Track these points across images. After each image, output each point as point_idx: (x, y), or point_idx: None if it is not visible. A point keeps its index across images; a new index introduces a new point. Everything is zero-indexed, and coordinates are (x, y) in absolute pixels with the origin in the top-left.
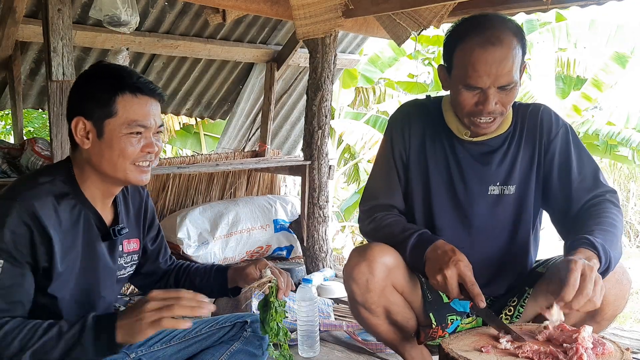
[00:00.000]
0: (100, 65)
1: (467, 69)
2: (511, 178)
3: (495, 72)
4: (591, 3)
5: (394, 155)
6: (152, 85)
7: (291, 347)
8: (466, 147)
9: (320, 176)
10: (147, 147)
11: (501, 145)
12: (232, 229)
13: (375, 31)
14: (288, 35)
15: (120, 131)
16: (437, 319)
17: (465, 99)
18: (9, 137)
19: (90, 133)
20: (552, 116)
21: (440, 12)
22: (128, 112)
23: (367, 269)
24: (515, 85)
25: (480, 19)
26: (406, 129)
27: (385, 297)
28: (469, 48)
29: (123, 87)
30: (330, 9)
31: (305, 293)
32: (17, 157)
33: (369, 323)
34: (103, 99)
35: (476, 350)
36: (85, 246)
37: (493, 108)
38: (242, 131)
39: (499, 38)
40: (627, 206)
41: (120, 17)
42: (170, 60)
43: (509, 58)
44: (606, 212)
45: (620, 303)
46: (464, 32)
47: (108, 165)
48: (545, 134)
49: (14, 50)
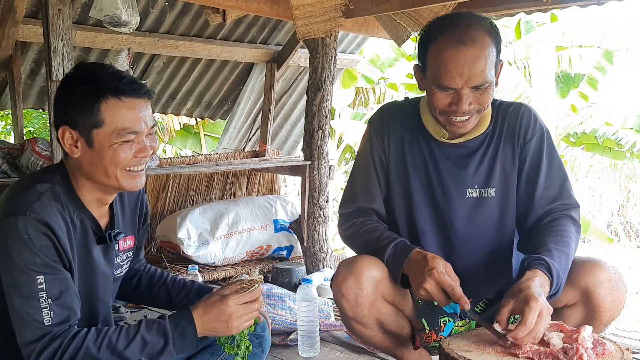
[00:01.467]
0: (78, 68)
1: (439, 69)
2: (490, 181)
3: (467, 72)
4: (591, 3)
5: (374, 159)
6: (136, 84)
7: (291, 347)
8: (444, 149)
9: (320, 176)
10: (140, 152)
11: (479, 147)
12: (232, 229)
13: (375, 31)
14: (288, 35)
15: (111, 141)
16: (429, 324)
17: (438, 99)
18: (9, 137)
19: (79, 142)
20: (531, 117)
21: (441, 12)
22: (116, 119)
23: (355, 283)
24: (490, 85)
25: (453, 18)
26: (385, 132)
27: (376, 309)
28: (441, 48)
29: (104, 92)
30: (330, 9)
31: (306, 293)
32: (17, 157)
33: (363, 335)
34: (86, 107)
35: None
36: (83, 252)
37: (467, 108)
38: (242, 131)
39: (471, 37)
40: (627, 206)
41: (121, 17)
42: (171, 60)
43: (481, 57)
44: (565, 231)
45: (617, 308)
46: (437, 32)
47: (100, 173)
48: (522, 135)
49: (14, 50)
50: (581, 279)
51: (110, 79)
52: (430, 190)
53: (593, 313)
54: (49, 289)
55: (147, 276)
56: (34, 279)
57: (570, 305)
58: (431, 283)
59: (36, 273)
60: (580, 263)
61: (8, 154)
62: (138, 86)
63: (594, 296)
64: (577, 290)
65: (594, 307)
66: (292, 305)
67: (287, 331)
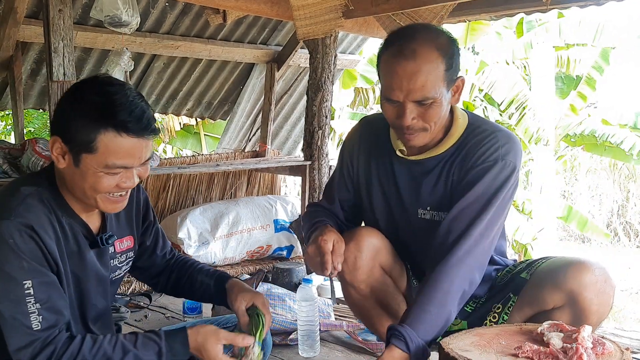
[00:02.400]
0: (93, 84)
1: (384, 81)
2: (442, 205)
3: (406, 85)
4: (591, 3)
5: (344, 173)
6: (146, 121)
7: (291, 347)
8: (403, 165)
9: (320, 176)
10: (125, 183)
11: (434, 167)
12: (232, 229)
13: (375, 32)
14: (288, 35)
15: (98, 168)
16: None
17: (386, 111)
18: (10, 137)
19: (66, 155)
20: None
21: (440, 12)
22: (108, 152)
23: (355, 247)
24: (434, 101)
25: (406, 30)
26: (355, 148)
27: (373, 277)
28: (386, 60)
29: (108, 124)
30: (330, 10)
31: (306, 293)
32: (18, 157)
33: (360, 305)
34: (84, 130)
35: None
36: (76, 256)
37: (410, 122)
38: (243, 131)
39: (413, 51)
40: (627, 206)
41: (121, 17)
42: (171, 60)
43: (421, 72)
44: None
45: (604, 310)
46: (387, 43)
47: (78, 191)
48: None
49: (15, 50)
50: (567, 281)
51: (120, 110)
52: (389, 206)
53: (580, 316)
54: (37, 293)
55: (177, 271)
56: (20, 283)
57: (558, 307)
58: (312, 248)
59: (23, 278)
60: (567, 264)
61: (9, 154)
62: (145, 125)
63: (580, 299)
64: (563, 293)
65: (581, 310)
66: (292, 305)
67: (287, 331)
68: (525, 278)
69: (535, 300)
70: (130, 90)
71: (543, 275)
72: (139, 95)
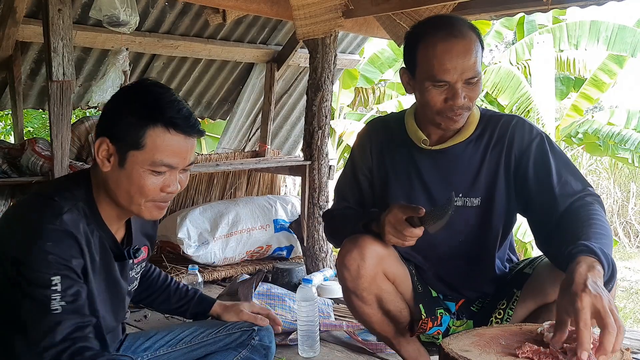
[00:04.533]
0: (141, 85)
1: (432, 64)
2: (475, 189)
3: (461, 64)
4: (591, 3)
5: (357, 173)
6: (194, 120)
7: (291, 347)
8: (426, 155)
9: (320, 176)
10: (168, 187)
11: (462, 153)
12: (232, 229)
13: (375, 31)
14: (288, 35)
15: (143, 166)
16: (426, 311)
17: (433, 96)
18: (9, 137)
19: (113, 157)
20: (525, 126)
21: (440, 12)
22: (156, 148)
23: (359, 255)
24: (480, 78)
25: (437, 19)
26: (367, 146)
27: (376, 285)
28: (433, 43)
29: (157, 119)
30: (330, 9)
31: (305, 293)
32: (17, 157)
33: (362, 312)
34: (133, 127)
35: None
36: (105, 271)
37: (462, 102)
38: (242, 131)
39: (460, 31)
40: (627, 206)
41: (119, 17)
42: (171, 60)
43: (472, 50)
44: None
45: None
46: (425, 31)
47: (123, 195)
48: (516, 145)
49: (15, 50)
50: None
51: (169, 107)
52: (410, 198)
53: None
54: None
55: (150, 279)
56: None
57: None
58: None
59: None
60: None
61: (8, 154)
62: (193, 123)
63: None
64: None
65: None
66: (292, 305)
67: (287, 331)
68: (528, 273)
69: (538, 293)
70: (176, 94)
71: (545, 268)
72: (183, 99)
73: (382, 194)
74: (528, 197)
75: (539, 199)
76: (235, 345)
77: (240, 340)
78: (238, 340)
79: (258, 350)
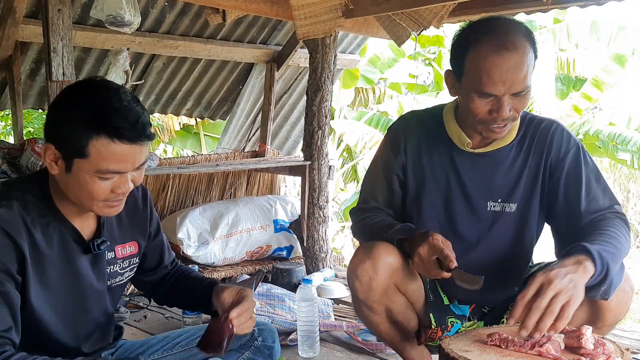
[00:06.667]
0: (86, 87)
1: (480, 76)
2: (513, 196)
3: (510, 79)
4: (591, 3)
5: (389, 171)
6: (141, 127)
7: (291, 348)
8: (467, 158)
9: (320, 176)
10: (119, 188)
11: (505, 158)
12: (232, 229)
13: (375, 31)
14: (288, 35)
15: (89, 173)
16: (436, 320)
17: (478, 106)
18: (9, 137)
19: (59, 161)
20: (564, 134)
21: (441, 12)
22: (101, 157)
23: (371, 267)
24: (529, 90)
25: (492, 23)
26: (402, 141)
27: (387, 297)
28: (483, 54)
29: (99, 129)
30: (330, 9)
31: (305, 293)
32: (17, 157)
33: (370, 320)
34: (77, 136)
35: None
36: (64, 262)
37: (507, 115)
38: (242, 131)
39: (513, 43)
40: (627, 206)
41: (124, 17)
42: (170, 60)
43: (523, 64)
44: (610, 226)
45: (622, 309)
46: (475, 37)
47: (74, 197)
48: (554, 153)
49: (14, 50)
50: None
51: (114, 115)
52: (446, 200)
53: (597, 313)
54: None
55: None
56: None
57: None
58: (425, 248)
59: None
60: None
61: (8, 154)
62: (140, 131)
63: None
64: None
65: (598, 308)
66: (292, 305)
67: (287, 331)
68: None
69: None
70: (125, 94)
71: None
72: (134, 99)
73: (417, 195)
74: (554, 206)
75: (565, 211)
76: (238, 347)
77: (243, 341)
78: (240, 342)
79: (262, 351)
